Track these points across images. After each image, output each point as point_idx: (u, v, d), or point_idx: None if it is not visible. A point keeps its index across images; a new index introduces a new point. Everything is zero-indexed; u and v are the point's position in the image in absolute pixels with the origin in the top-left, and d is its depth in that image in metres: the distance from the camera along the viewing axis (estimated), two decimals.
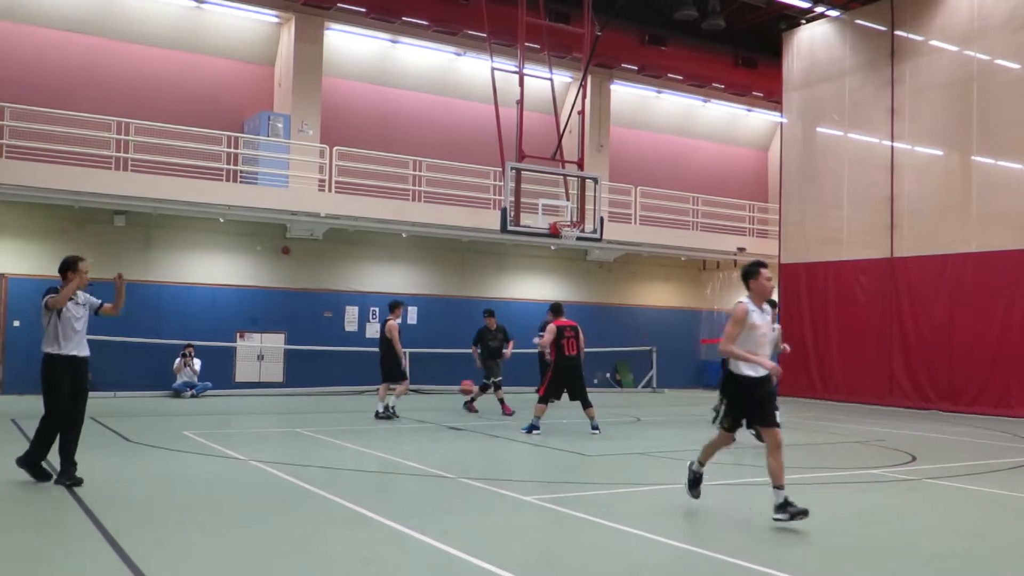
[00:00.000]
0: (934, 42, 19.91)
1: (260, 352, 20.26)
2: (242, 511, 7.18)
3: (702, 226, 25.75)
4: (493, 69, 16.32)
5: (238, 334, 20.01)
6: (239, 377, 19.93)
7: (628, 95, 26.43)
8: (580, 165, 17.26)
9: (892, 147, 20.58)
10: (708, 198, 26.05)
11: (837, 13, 22.10)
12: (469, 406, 16.30)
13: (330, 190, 20.14)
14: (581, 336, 13.08)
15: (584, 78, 17.56)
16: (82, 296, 8.30)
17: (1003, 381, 17.94)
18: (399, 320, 15.06)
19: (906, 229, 20.23)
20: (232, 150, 19.61)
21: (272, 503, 7.55)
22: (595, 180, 16.82)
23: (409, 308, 22.12)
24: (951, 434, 14.35)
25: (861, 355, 20.83)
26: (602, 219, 16.73)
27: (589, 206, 16.72)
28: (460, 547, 5.90)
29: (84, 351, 8.17)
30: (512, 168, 15.60)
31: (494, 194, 21.71)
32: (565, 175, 16.95)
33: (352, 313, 21.51)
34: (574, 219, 16.54)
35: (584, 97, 17.66)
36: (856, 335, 20.99)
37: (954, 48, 19.48)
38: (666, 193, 25.14)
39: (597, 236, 16.62)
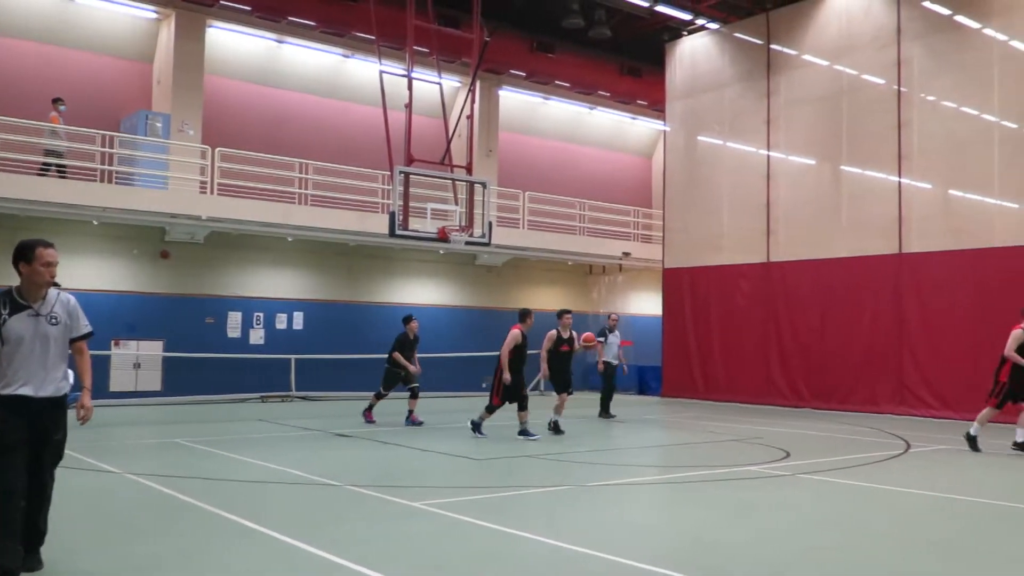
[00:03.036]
0: (807, 57, 20.83)
1: (137, 360, 19.51)
2: (118, 527, 6.89)
3: (589, 231, 26.22)
4: (381, 72, 16.19)
5: (113, 342, 19.20)
6: (114, 387, 19.10)
7: (516, 101, 26.68)
8: (469, 170, 17.31)
9: (768, 156, 21.42)
10: (594, 203, 26.52)
11: (717, 26, 22.86)
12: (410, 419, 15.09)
13: (212, 192, 19.57)
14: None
15: (473, 83, 17.62)
16: (51, 302, 5.50)
17: (871, 380, 18.89)
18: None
19: (781, 235, 21.08)
20: (107, 150, 18.83)
21: (150, 518, 7.28)
22: (484, 185, 16.91)
23: (295, 313, 21.74)
24: (823, 431, 15.01)
25: (741, 356, 21.59)
26: (490, 224, 16.83)
27: (478, 211, 16.79)
28: (349, 557, 5.83)
29: (48, 389, 5.36)
30: (401, 172, 15.52)
31: (382, 198, 21.53)
32: (454, 179, 16.95)
33: (235, 319, 20.95)
34: (463, 224, 16.57)
35: (473, 102, 17.72)
36: (736, 337, 21.75)
37: (825, 63, 20.42)
38: (554, 198, 25.47)
39: (486, 240, 16.71)
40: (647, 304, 27.14)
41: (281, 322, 21.57)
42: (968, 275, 17.39)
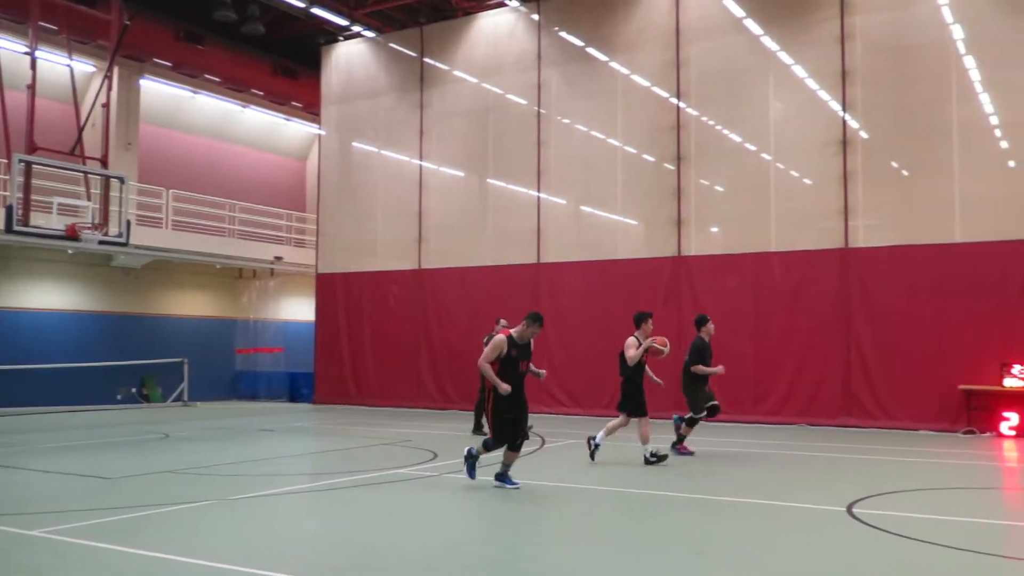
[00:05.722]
0: (458, 72, 21.75)
1: None
2: None
3: (239, 233, 25.26)
4: None
5: None
6: None
7: (161, 92, 25.01)
8: (104, 163, 15.90)
9: (421, 166, 22.05)
10: (246, 205, 25.62)
11: (373, 35, 23.11)
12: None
13: None
14: None
15: (110, 69, 16.22)
16: None
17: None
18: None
19: (432, 243, 21.80)
20: None
21: None
22: (121, 180, 15.63)
23: None
24: (468, 431, 15.68)
25: (393, 361, 21.97)
26: (129, 222, 15.62)
27: (114, 207, 15.52)
28: None
29: None
30: (20, 161, 13.87)
31: (2, 189, 19.10)
32: (86, 172, 15.49)
33: None
34: (96, 221, 15.19)
35: (110, 89, 16.31)
36: (389, 342, 22.09)
37: (474, 80, 21.47)
38: (202, 198, 24.23)
39: (123, 240, 15.47)
40: (300, 310, 26.71)
41: None
42: (596, 284, 19.15)
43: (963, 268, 15.84)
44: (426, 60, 22.14)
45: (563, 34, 20.28)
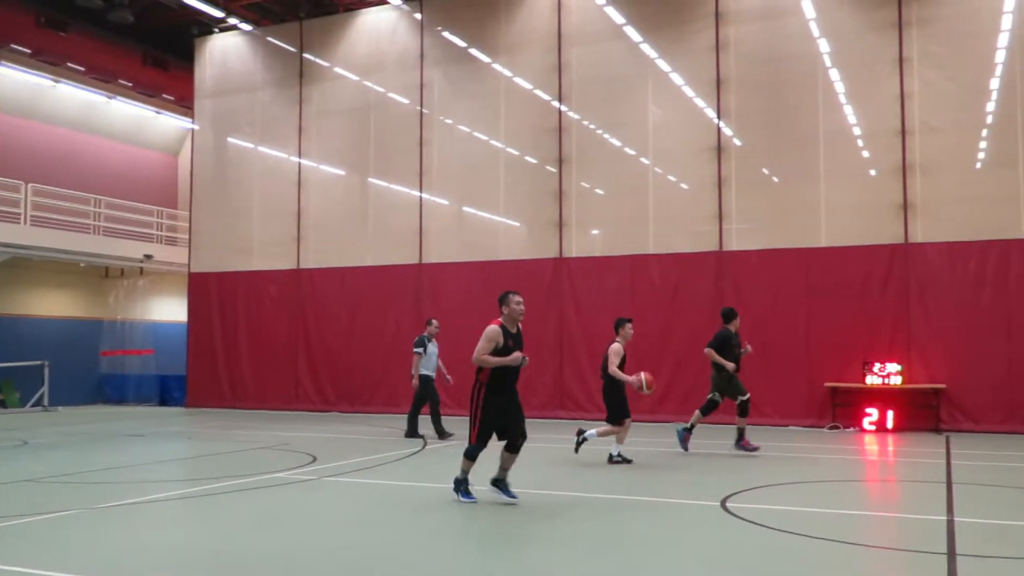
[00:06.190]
0: (338, 69, 21.38)
1: None
2: None
3: (105, 230, 24.11)
4: None
5: None
6: None
7: (18, 80, 23.60)
8: None
9: (300, 164, 21.56)
10: (113, 201, 24.49)
11: (250, 28, 22.46)
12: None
13: None
14: None
15: None
16: None
17: (393, 382, 19.88)
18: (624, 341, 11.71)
19: (312, 242, 21.34)
20: None
21: None
22: None
23: None
24: (349, 433, 15.44)
25: (270, 362, 21.40)
26: None
27: None
28: None
29: None
30: None
31: None
32: None
33: None
34: None
35: None
36: (265, 343, 21.51)
37: (355, 78, 21.14)
38: (64, 193, 23.03)
39: None
40: (171, 310, 25.71)
41: None
42: (478, 285, 19.15)
43: (828, 271, 16.61)
44: (306, 55, 21.67)
45: (446, 34, 20.21)
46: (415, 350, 14.52)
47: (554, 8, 19.01)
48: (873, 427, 15.80)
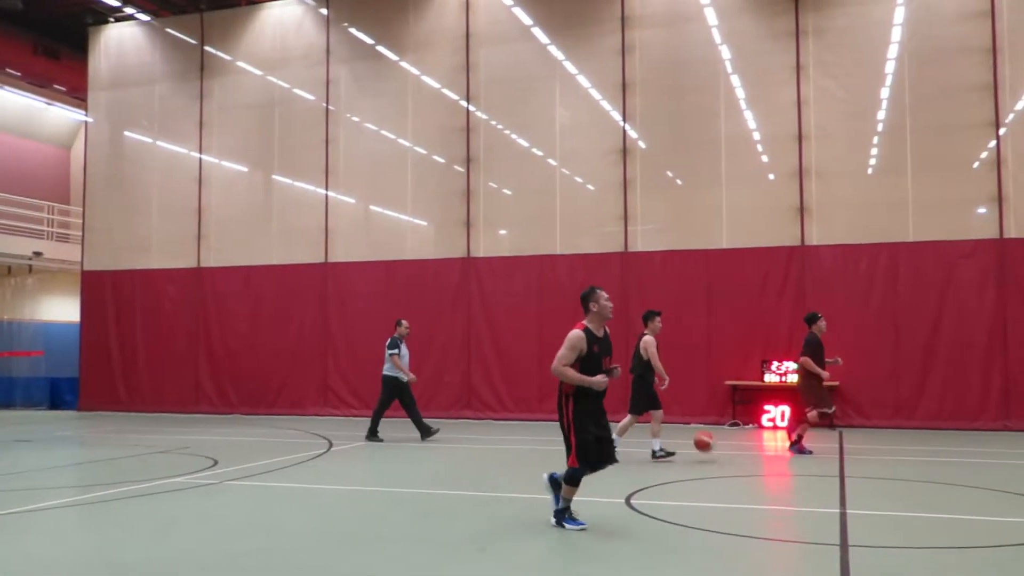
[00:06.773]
0: (241, 64, 20.87)
1: None
2: None
3: None
4: None
5: None
6: None
7: None
8: None
9: (201, 159, 20.98)
10: (0, 196, 23.37)
11: (148, 18, 21.74)
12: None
13: None
14: None
15: None
16: None
17: (298, 383, 19.56)
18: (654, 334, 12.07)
19: (213, 240, 20.79)
20: None
21: None
22: None
23: None
24: (252, 436, 15.10)
25: (168, 364, 20.75)
26: None
27: None
28: None
29: None
30: None
31: None
32: None
33: None
34: None
35: None
36: (163, 344, 20.84)
37: (259, 72, 20.68)
38: None
39: None
40: (63, 310, 24.69)
41: None
42: (385, 284, 18.99)
43: (729, 272, 17.05)
44: (207, 48, 21.10)
45: (353, 31, 19.96)
46: (390, 351, 14.01)
47: (462, 7, 18.98)
48: (771, 424, 16.29)
